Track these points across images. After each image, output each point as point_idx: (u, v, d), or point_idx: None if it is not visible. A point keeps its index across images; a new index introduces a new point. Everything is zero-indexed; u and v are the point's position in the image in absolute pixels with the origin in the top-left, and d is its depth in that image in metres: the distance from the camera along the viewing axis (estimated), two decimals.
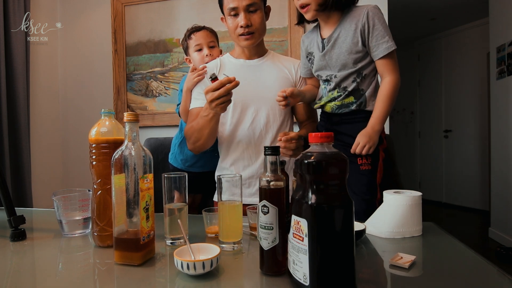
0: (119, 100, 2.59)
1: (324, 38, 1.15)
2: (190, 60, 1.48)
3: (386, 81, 1.10)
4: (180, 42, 1.52)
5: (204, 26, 1.46)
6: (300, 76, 1.28)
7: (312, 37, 1.22)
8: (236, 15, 1.15)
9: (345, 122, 1.16)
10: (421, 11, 3.86)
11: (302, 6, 1.10)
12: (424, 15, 4.00)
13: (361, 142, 1.06)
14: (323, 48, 1.16)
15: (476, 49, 4.14)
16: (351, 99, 1.14)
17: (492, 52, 3.09)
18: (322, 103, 1.20)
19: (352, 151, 1.08)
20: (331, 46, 1.13)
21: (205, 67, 1.27)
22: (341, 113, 1.16)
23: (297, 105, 1.29)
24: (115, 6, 2.56)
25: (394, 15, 2.42)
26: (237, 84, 0.99)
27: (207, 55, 1.40)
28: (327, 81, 1.19)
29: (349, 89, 1.13)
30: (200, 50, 1.42)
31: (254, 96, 1.21)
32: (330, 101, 1.18)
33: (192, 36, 1.43)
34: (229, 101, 1.02)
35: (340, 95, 1.16)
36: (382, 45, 1.07)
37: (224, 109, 1.04)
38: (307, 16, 1.12)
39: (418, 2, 3.64)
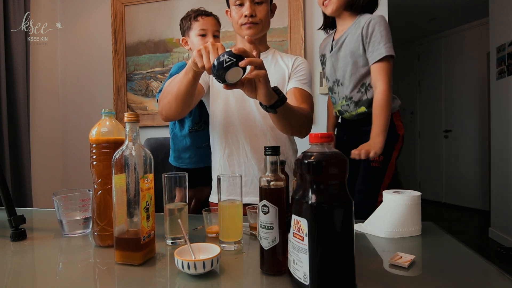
0: (119, 100, 2.59)
1: (334, 40, 1.24)
2: (187, 42, 1.39)
3: (379, 91, 1.12)
4: (180, 20, 1.41)
5: (211, 12, 1.38)
6: (296, 66, 1.21)
7: (327, 41, 1.30)
8: (241, 5, 1.14)
9: (363, 133, 1.18)
10: (421, 11, 3.86)
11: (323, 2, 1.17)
12: (424, 15, 4.00)
13: (362, 150, 1.07)
14: (331, 49, 1.24)
15: (476, 49, 4.14)
16: (363, 109, 1.20)
17: (492, 52, 3.09)
18: (335, 109, 1.29)
19: (352, 155, 1.08)
20: (338, 48, 1.20)
21: None
22: (358, 122, 1.23)
23: (290, 91, 1.18)
24: (115, 6, 2.57)
25: (394, 15, 2.42)
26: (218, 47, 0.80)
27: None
28: (332, 89, 1.26)
29: (355, 99, 1.20)
30: (203, 36, 1.34)
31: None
32: (343, 112, 1.26)
33: (200, 18, 1.34)
34: (206, 64, 0.81)
35: (349, 105, 1.22)
36: (376, 51, 1.11)
37: (197, 63, 0.83)
38: (327, 11, 1.18)
39: (418, 2, 3.64)
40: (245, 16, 1.13)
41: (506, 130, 2.89)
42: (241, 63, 0.77)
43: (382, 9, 2.19)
